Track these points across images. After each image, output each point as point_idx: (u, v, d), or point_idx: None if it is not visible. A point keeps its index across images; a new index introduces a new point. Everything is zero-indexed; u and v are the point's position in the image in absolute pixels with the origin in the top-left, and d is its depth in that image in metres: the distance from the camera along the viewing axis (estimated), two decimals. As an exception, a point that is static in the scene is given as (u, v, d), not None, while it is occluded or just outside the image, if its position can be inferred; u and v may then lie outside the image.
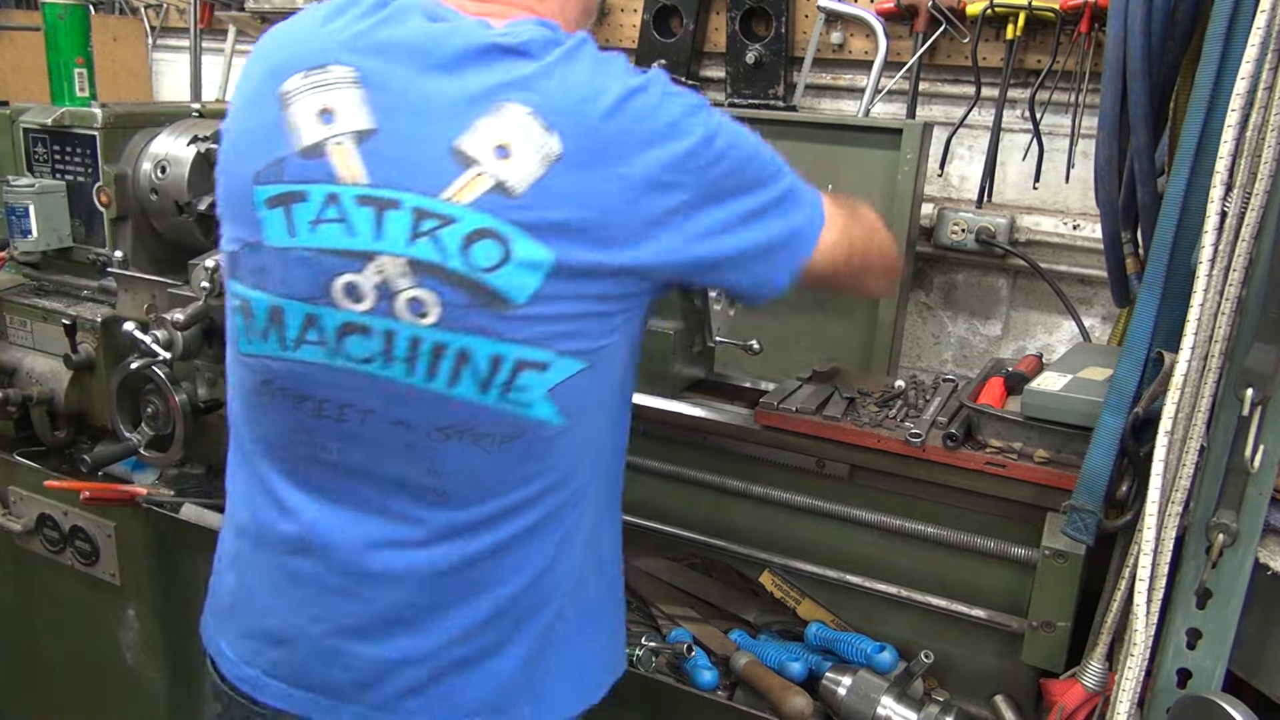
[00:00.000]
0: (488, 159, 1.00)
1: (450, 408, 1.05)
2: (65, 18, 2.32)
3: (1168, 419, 1.12)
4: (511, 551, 1.12)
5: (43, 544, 2.10)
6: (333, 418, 1.09)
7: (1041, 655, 1.36)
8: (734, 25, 2.75)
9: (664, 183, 1.02)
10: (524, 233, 1.00)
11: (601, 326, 1.07)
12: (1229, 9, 1.11)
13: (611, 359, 1.11)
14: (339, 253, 1.03)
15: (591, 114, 1.01)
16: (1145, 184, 1.37)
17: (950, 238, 2.57)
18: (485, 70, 1.03)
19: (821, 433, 1.53)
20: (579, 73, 1.03)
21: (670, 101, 1.05)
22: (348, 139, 1.03)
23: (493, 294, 1.01)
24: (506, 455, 1.08)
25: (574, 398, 1.08)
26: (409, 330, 1.03)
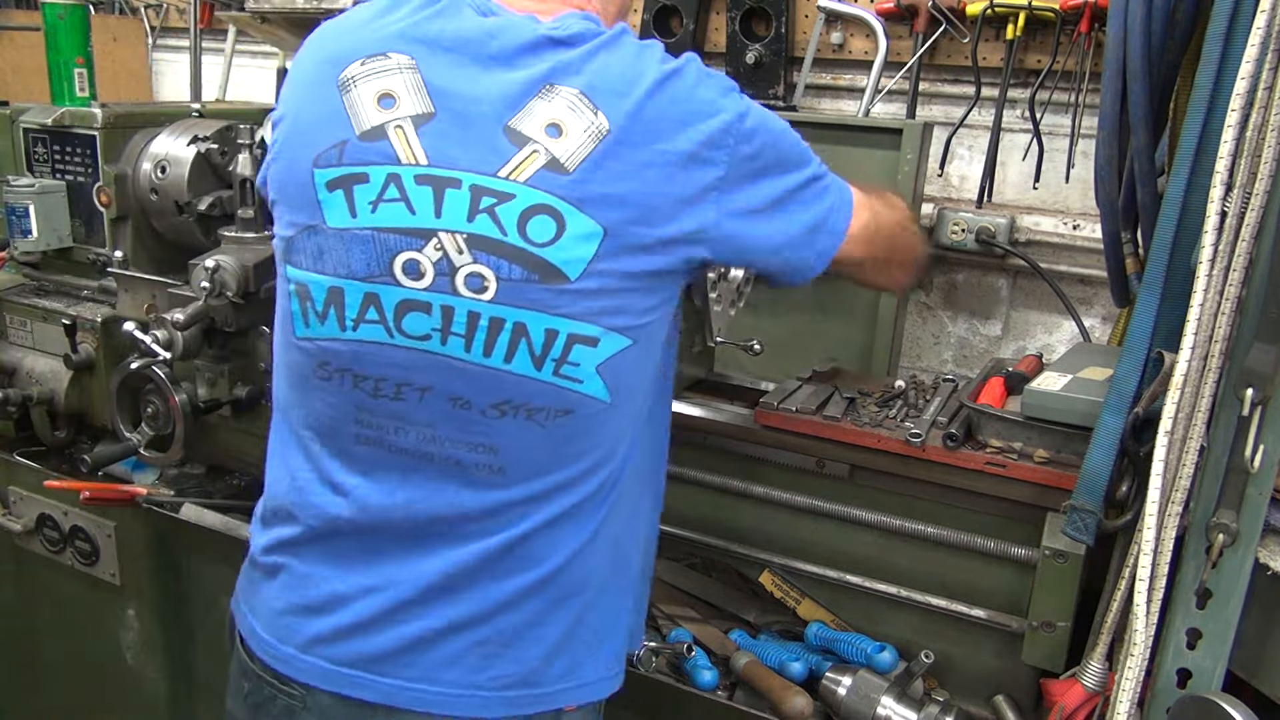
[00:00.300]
0: (541, 137, 1.05)
1: (506, 383, 1.09)
2: (65, 18, 2.32)
3: (1168, 419, 1.12)
4: (560, 528, 1.15)
5: (43, 544, 2.10)
6: (390, 396, 1.12)
7: (1041, 655, 1.36)
8: (734, 25, 2.75)
9: (702, 158, 1.07)
10: (575, 208, 1.05)
11: (644, 303, 1.10)
12: (1229, 9, 1.11)
13: (653, 338, 1.15)
14: (400, 231, 1.07)
15: (635, 94, 1.07)
16: (1145, 184, 1.37)
17: (950, 238, 2.57)
18: (537, 60, 1.08)
19: (821, 433, 1.53)
20: (622, 58, 1.09)
21: (705, 82, 1.10)
22: (407, 122, 1.08)
23: (548, 268, 1.05)
24: (560, 431, 1.11)
25: (620, 374, 1.11)
26: (467, 305, 1.06)
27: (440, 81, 1.09)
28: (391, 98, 1.09)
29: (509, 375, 1.09)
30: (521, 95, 1.07)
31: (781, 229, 1.16)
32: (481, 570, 1.14)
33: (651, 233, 1.07)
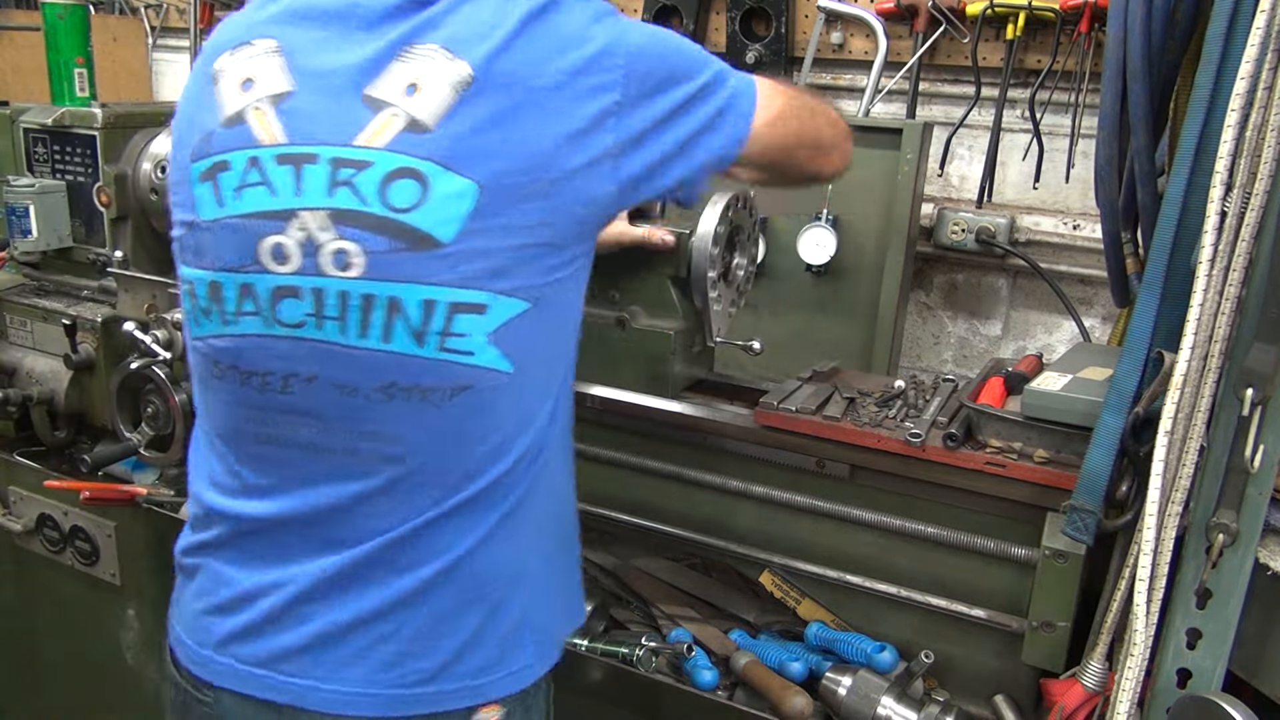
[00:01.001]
0: (399, 99, 1.00)
1: (389, 364, 1.03)
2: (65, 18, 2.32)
3: (1168, 419, 1.12)
4: (468, 514, 1.09)
5: (43, 544, 2.10)
6: (277, 390, 1.07)
7: (1041, 655, 1.36)
8: (734, 25, 2.75)
9: (584, 88, 1.02)
10: (441, 166, 0.99)
11: (544, 261, 1.04)
12: (1229, 9, 1.11)
13: (562, 299, 1.08)
14: (263, 215, 1.03)
15: (497, 35, 1.01)
16: (1145, 184, 1.37)
17: (950, 238, 2.57)
18: (400, 23, 1.04)
19: (821, 433, 1.53)
20: (488, 4, 1.04)
21: (574, 10, 1.05)
22: (265, 102, 1.04)
23: (416, 234, 0.99)
24: (458, 410, 1.05)
25: (520, 342, 1.05)
26: (336, 285, 1.01)
27: (302, 58, 1.05)
28: (251, 81, 1.06)
29: (390, 355, 1.03)
30: (380, 60, 1.02)
31: (683, 137, 1.10)
32: (381, 562, 1.09)
33: (541, 176, 1.01)
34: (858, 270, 2.40)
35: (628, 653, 1.48)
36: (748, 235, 1.74)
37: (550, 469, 1.17)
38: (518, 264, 1.02)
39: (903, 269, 2.31)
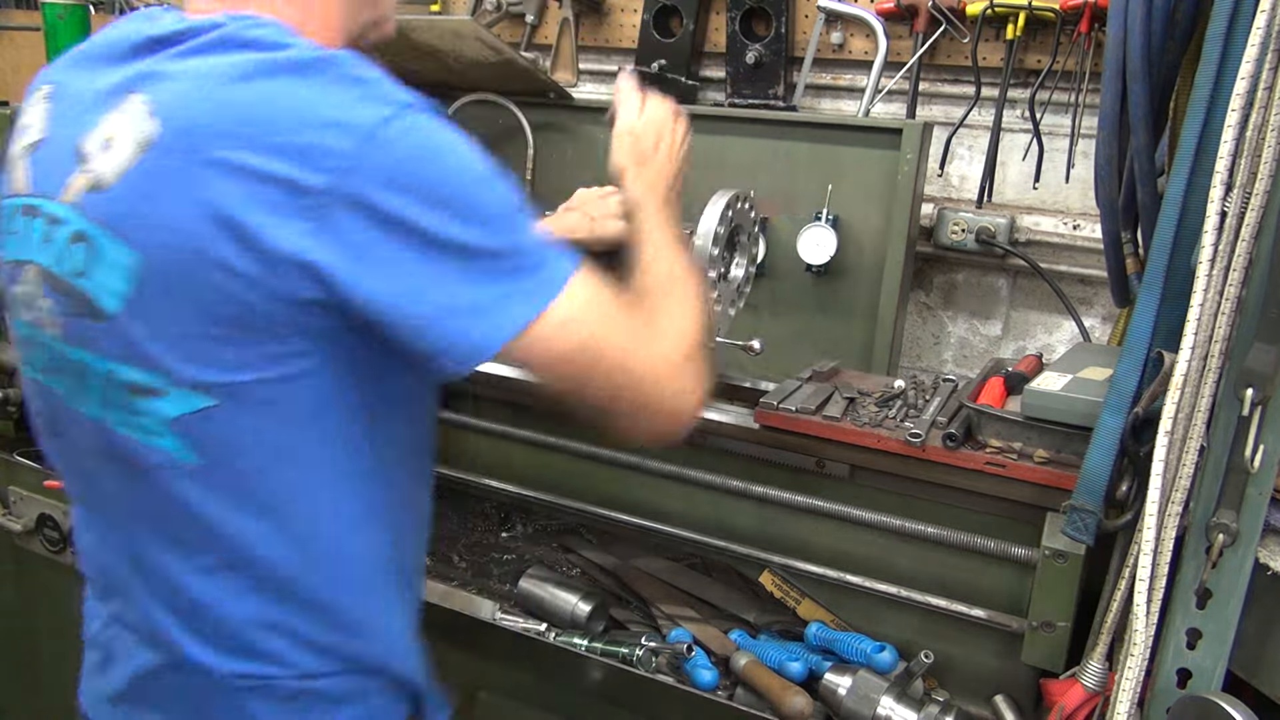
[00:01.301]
0: (95, 153, 0.93)
1: (88, 426, 0.99)
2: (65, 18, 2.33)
3: (1168, 419, 1.12)
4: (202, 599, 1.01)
5: (43, 544, 2.10)
6: (45, 430, 1.10)
7: (1041, 655, 1.36)
8: (734, 25, 2.75)
9: (289, 171, 0.86)
10: (108, 230, 0.91)
11: (231, 355, 0.91)
12: (1229, 9, 1.11)
13: (268, 401, 0.94)
14: (11, 263, 1.03)
15: (209, 91, 0.89)
16: (1145, 184, 1.37)
17: (950, 238, 2.57)
18: (131, 67, 0.96)
19: (821, 433, 1.53)
20: (224, 56, 0.91)
21: (338, 85, 0.89)
22: (25, 151, 1.03)
23: (85, 301, 0.93)
24: (146, 490, 0.99)
25: (209, 440, 0.95)
26: (48, 340, 1.00)
27: (59, 105, 1.01)
28: (25, 128, 1.04)
29: (88, 418, 0.99)
30: (101, 107, 0.95)
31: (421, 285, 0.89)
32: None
33: (217, 261, 0.87)
34: (858, 270, 2.40)
35: (628, 653, 1.48)
36: (748, 235, 1.74)
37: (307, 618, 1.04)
38: (190, 353, 0.92)
39: (903, 269, 2.31)
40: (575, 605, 1.60)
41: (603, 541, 1.81)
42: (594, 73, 3.05)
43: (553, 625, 1.59)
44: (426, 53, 2.55)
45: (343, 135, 0.86)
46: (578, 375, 0.98)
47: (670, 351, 1.03)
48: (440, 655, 1.63)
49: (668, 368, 1.02)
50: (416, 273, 0.89)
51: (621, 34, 2.97)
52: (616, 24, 2.98)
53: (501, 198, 0.94)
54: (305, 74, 0.89)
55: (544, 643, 1.54)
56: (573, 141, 2.57)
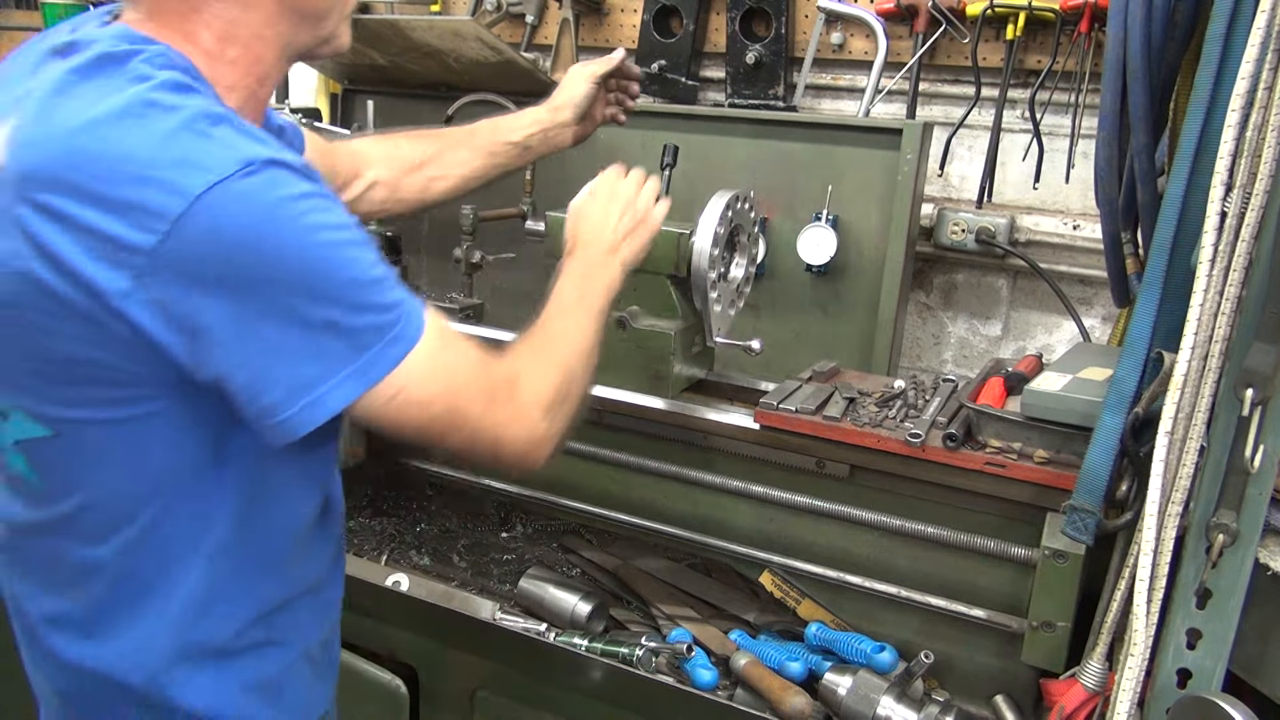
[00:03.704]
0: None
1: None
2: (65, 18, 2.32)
3: (1168, 419, 1.12)
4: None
5: (43, 544, 2.10)
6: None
7: (1041, 655, 1.36)
8: (734, 25, 2.75)
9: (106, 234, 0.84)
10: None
11: (64, 393, 0.93)
12: (1229, 9, 1.11)
13: (115, 444, 0.95)
14: None
15: (47, 129, 0.87)
16: (1145, 184, 1.37)
17: (950, 238, 2.57)
18: (32, 78, 0.95)
19: (821, 433, 1.53)
20: (85, 84, 0.89)
21: (179, 139, 0.85)
22: None
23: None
24: (17, 502, 1.03)
25: (51, 467, 0.98)
26: None
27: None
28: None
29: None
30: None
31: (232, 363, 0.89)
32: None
33: (42, 307, 0.87)
34: (858, 270, 2.40)
35: (628, 653, 1.48)
36: (748, 235, 1.74)
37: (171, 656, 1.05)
38: (24, 386, 0.94)
39: (903, 269, 2.31)
40: (575, 605, 1.60)
41: (603, 541, 1.81)
42: (594, 73, 3.05)
43: (553, 625, 1.59)
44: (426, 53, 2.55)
45: (169, 196, 0.83)
46: (427, 432, 1.00)
47: (527, 409, 1.07)
48: (440, 655, 1.64)
49: (521, 419, 1.06)
50: (243, 345, 0.88)
51: (621, 34, 2.97)
52: (616, 24, 2.98)
53: (346, 266, 0.91)
54: (145, 120, 0.86)
55: (544, 643, 1.54)
56: (573, 141, 2.57)
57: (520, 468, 1.10)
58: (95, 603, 1.03)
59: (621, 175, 1.44)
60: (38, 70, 0.95)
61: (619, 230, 1.37)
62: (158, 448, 0.96)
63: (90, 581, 1.02)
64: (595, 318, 1.24)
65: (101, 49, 0.91)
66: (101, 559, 1.01)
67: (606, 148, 2.59)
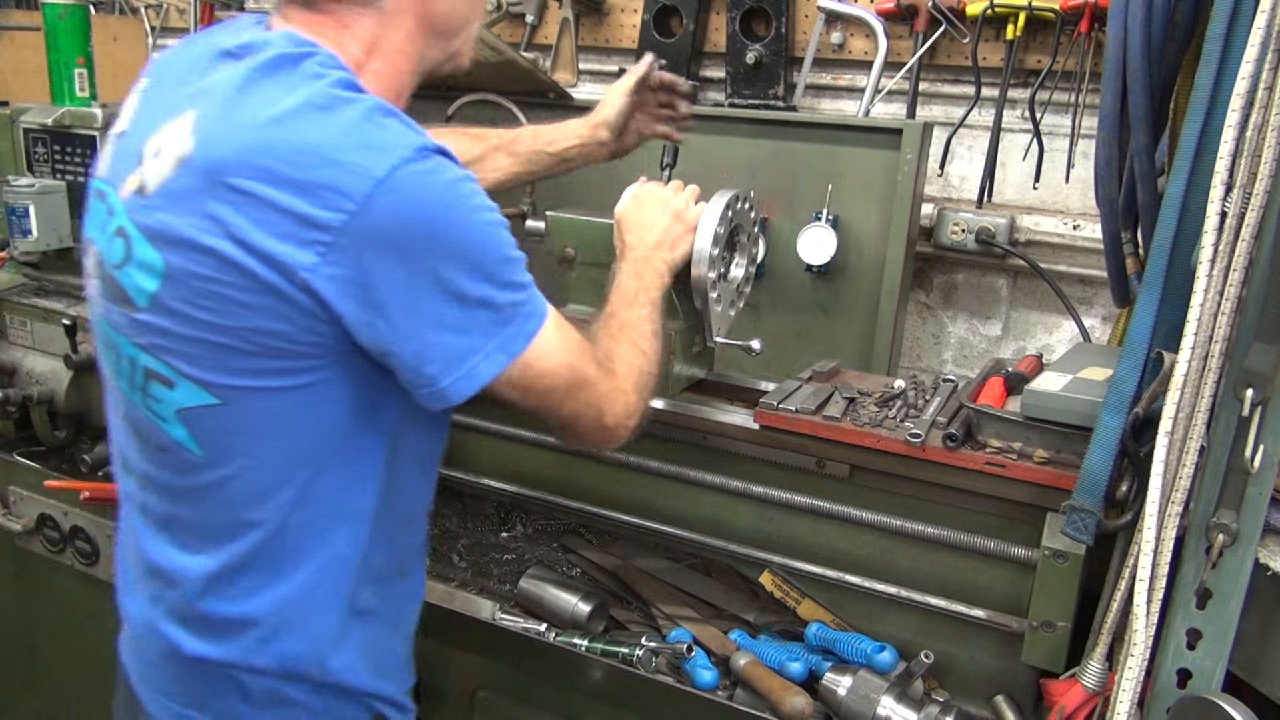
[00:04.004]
0: (148, 159, 1.02)
1: (122, 398, 1.10)
2: (65, 18, 2.32)
3: (1168, 419, 1.12)
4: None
5: (43, 544, 2.10)
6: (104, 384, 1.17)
7: (1041, 655, 1.36)
8: (734, 25, 2.75)
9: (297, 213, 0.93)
10: (142, 233, 1.00)
11: (239, 363, 0.99)
12: (1229, 9, 1.11)
13: (271, 409, 1.01)
14: (86, 239, 1.13)
15: (242, 119, 0.96)
16: (1145, 184, 1.37)
17: (950, 238, 2.57)
18: (205, 76, 1.04)
19: (821, 433, 1.53)
20: (266, 81, 0.98)
21: (359, 129, 0.95)
22: (112, 139, 1.12)
23: (120, 291, 1.03)
24: (165, 470, 1.08)
25: (214, 435, 1.03)
26: (98, 316, 1.11)
27: (145, 100, 1.10)
28: (121, 116, 1.13)
29: (121, 391, 1.10)
30: (169, 112, 1.02)
31: (401, 334, 0.98)
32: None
33: (228, 280, 0.95)
34: (858, 270, 2.40)
35: (628, 653, 1.48)
36: (748, 235, 1.74)
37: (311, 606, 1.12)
38: (200, 356, 1.00)
39: (903, 269, 2.31)
40: (575, 605, 1.60)
41: (603, 541, 1.81)
42: (594, 73, 3.05)
43: (553, 625, 1.59)
44: (426, 53, 2.54)
45: (359, 178, 0.93)
46: (548, 399, 1.11)
47: (622, 382, 1.19)
48: (440, 655, 1.63)
49: (619, 392, 1.18)
50: (411, 318, 0.97)
51: (621, 34, 2.97)
52: (616, 24, 2.98)
53: (500, 246, 1.02)
54: (329, 113, 0.95)
55: (544, 643, 1.54)
56: (573, 141, 2.56)
57: (611, 442, 1.21)
58: (246, 562, 1.08)
59: (659, 185, 1.54)
60: (210, 69, 1.04)
61: (663, 230, 1.46)
62: (318, 415, 1.04)
63: (242, 541, 1.07)
64: (654, 310, 1.35)
65: (278, 50, 1.00)
66: (255, 520, 1.06)
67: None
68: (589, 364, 1.14)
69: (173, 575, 1.10)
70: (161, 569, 1.11)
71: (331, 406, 1.04)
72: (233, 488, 1.05)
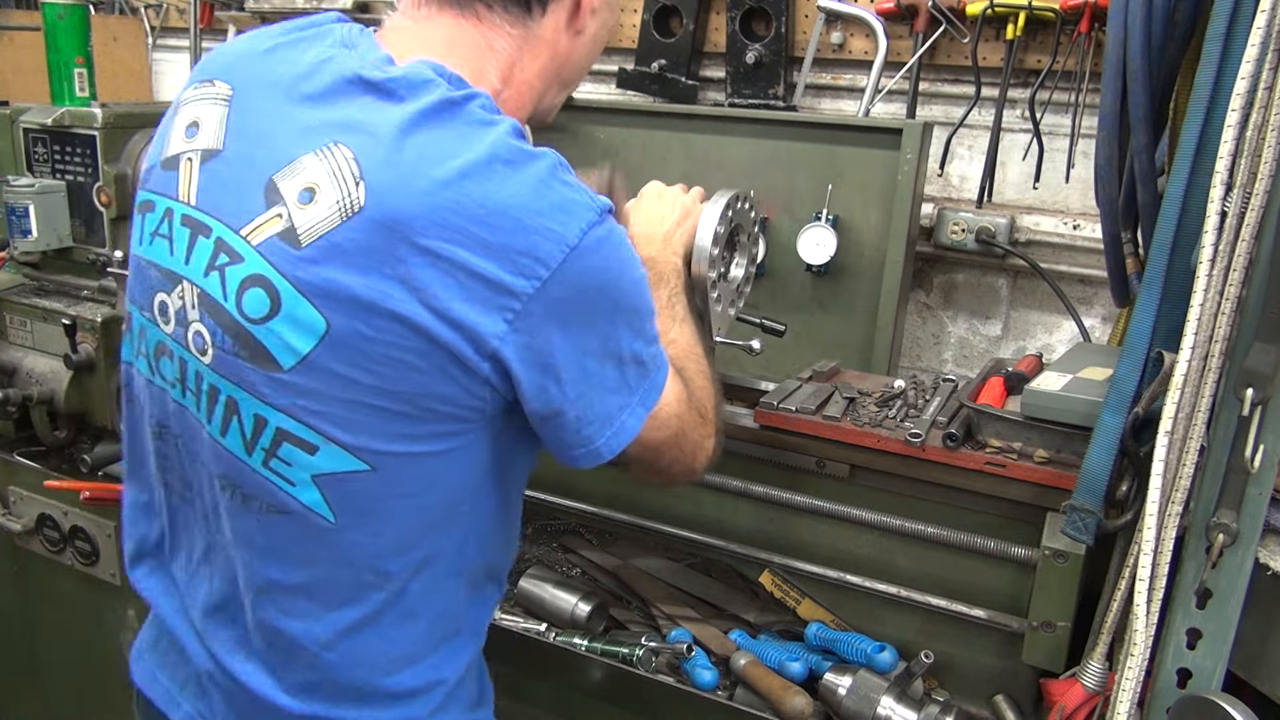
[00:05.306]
0: (291, 200, 0.92)
1: (224, 456, 1.00)
2: (65, 18, 2.32)
3: (1168, 419, 1.12)
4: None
5: (43, 544, 2.10)
6: (154, 433, 1.10)
7: (1041, 655, 1.36)
8: (734, 25, 2.75)
9: (489, 282, 0.89)
10: (296, 289, 0.91)
11: (390, 428, 0.94)
12: (1229, 9, 1.11)
13: (420, 474, 0.98)
14: (159, 269, 1.02)
15: (424, 173, 0.89)
16: (1145, 184, 1.37)
17: (950, 238, 2.57)
18: (343, 104, 0.94)
19: (821, 433, 1.53)
20: (443, 127, 0.91)
21: (548, 190, 0.91)
22: (197, 155, 1.00)
23: (258, 348, 0.93)
24: (275, 532, 1.00)
25: (351, 498, 0.97)
26: (194, 363, 1.00)
27: (241, 117, 0.99)
28: (196, 126, 1.02)
29: (225, 450, 1.00)
30: (300, 143, 0.93)
31: (569, 397, 0.97)
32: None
33: (408, 345, 0.90)
34: (858, 270, 2.40)
35: (628, 653, 1.48)
36: (748, 235, 1.74)
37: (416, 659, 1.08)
38: (354, 421, 0.94)
39: (903, 269, 2.31)
40: (575, 605, 1.60)
41: (603, 541, 1.81)
42: (594, 73, 3.05)
43: (553, 625, 1.59)
44: (426, 53, 2.54)
45: (554, 245, 0.90)
46: (663, 448, 1.09)
47: (708, 411, 1.17)
48: (440, 655, 1.63)
49: (711, 441, 1.17)
50: (585, 378, 0.97)
51: (621, 34, 2.97)
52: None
53: (650, 301, 1.02)
54: (517, 170, 0.90)
55: (544, 643, 1.54)
56: (572, 141, 2.57)
57: (698, 477, 1.20)
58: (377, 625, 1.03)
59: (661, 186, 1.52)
60: (346, 97, 0.95)
61: (668, 222, 1.44)
62: (460, 476, 1.01)
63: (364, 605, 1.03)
64: (687, 311, 1.33)
65: (442, 94, 0.93)
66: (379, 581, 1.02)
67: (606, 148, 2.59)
68: (692, 412, 1.12)
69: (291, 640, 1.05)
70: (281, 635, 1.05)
71: (471, 468, 1.02)
72: (355, 558, 1.01)
